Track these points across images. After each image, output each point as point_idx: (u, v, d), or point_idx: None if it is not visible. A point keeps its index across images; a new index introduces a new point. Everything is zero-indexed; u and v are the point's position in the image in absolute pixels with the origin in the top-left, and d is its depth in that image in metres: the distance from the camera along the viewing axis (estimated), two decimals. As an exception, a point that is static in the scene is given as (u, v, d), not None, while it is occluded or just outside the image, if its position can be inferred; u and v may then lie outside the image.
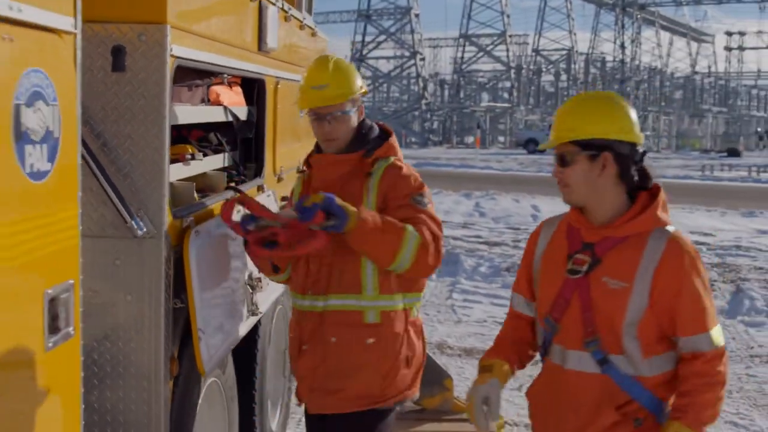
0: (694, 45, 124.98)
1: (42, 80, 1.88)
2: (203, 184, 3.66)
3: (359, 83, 3.26)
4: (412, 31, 66.64)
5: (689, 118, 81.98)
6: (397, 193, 3.11)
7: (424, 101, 67.03)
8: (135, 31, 2.69)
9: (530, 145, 53.08)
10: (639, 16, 66.36)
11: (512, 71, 75.20)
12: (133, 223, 2.67)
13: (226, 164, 4.03)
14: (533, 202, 16.69)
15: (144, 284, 2.75)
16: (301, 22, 4.98)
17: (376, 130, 3.31)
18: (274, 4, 4.04)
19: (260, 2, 3.81)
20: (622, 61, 64.18)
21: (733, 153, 53.50)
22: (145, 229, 2.70)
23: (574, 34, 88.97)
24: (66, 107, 2.01)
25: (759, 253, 12.16)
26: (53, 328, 1.97)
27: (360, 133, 3.23)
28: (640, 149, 2.67)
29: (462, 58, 77.79)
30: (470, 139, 72.47)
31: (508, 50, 76.21)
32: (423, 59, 68.21)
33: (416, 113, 69.12)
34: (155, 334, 2.77)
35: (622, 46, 64.60)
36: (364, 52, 69.58)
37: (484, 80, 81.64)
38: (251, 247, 3.05)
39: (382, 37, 69.98)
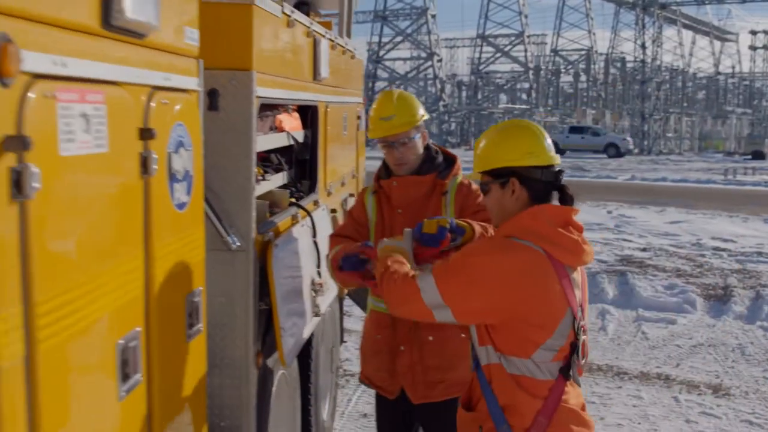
0: (717, 44, 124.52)
1: (183, 131, 2.39)
2: (270, 201, 4.16)
3: (421, 112, 3.73)
4: (429, 32, 66.87)
5: (712, 120, 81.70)
6: (470, 203, 3.62)
7: (441, 103, 67.34)
8: (227, 76, 3.14)
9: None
10: (660, 14, 66.27)
11: (530, 72, 75.33)
12: (228, 239, 3.17)
13: (286, 182, 4.51)
14: (554, 206, 17.15)
15: (236, 289, 3.26)
16: (344, 48, 5.47)
17: (441, 153, 3.81)
18: (324, 36, 4.53)
19: (314, 37, 4.28)
20: (643, 61, 64.06)
21: (758, 155, 53.11)
22: (238, 244, 3.20)
23: (594, 33, 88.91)
24: (195, 150, 2.52)
25: (782, 261, 12.41)
26: (190, 324, 2.49)
27: (429, 156, 3.74)
28: (557, 168, 2.81)
29: (479, 58, 78.08)
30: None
31: (526, 51, 76.32)
32: (440, 60, 68.49)
33: (434, 115, 69.41)
34: (245, 331, 3.27)
35: (643, 46, 64.48)
36: (381, 53, 69.91)
37: (502, 81, 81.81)
38: (353, 279, 3.46)
39: (398, 39, 70.29)
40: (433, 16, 66.92)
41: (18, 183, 1.46)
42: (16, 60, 1.43)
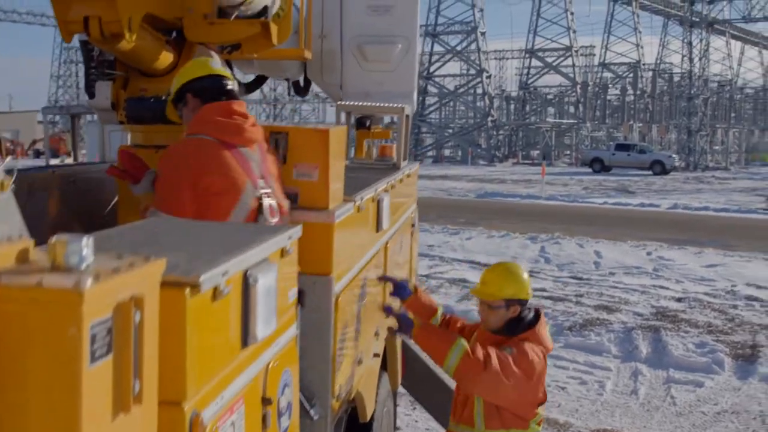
0: (766, 54, 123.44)
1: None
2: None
3: (513, 291, 4.37)
4: (479, 50, 67.68)
5: (760, 132, 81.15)
6: None
7: (490, 118, 68.00)
8: (312, 280, 3.65)
9: (596, 164, 53.90)
10: (708, 30, 66.19)
11: (578, 86, 75.66)
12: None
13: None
14: (596, 248, 17.76)
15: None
16: (402, 177, 6.27)
17: (528, 319, 4.45)
18: (388, 192, 5.29)
19: (378, 199, 4.90)
20: (690, 77, 64.03)
21: (807, 171, 53.51)
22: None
23: (641, 47, 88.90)
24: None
25: (813, 312, 12.92)
26: None
27: (511, 321, 4.39)
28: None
29: (528, 73, 78.60)
30: (536, 152, 73.36)
31: (574, 65, 76.75)
32: (489, 77, 69.19)
33: (483, 129, 70.11)
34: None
35: (690, 61, 64.50)
36: (431, 69, 70.79)
37: (550, 96, 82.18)
38: None
39: (448, 55, 71.16)
40: (483, 34, 67.59)
41: None
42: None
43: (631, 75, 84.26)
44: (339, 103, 6.24)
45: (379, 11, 6.97)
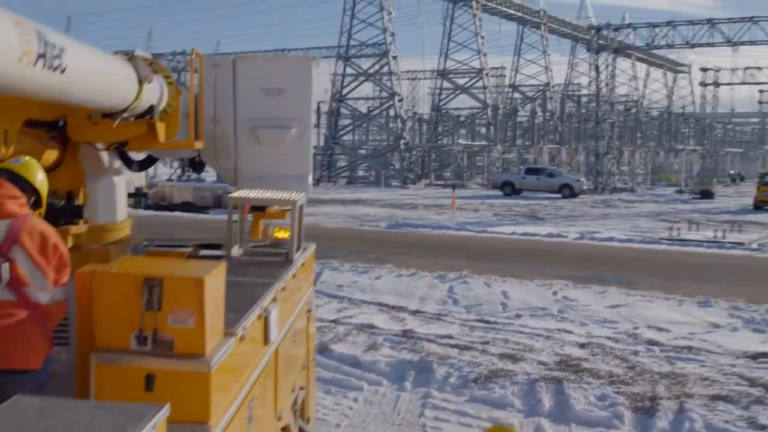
0: (670, 76, 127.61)
1: None
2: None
3: None
4: (390, 73, 68.11)
5: (665, 153, 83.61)
6: None
7: (402, 141, 68.41)
8: (189, 428, 3.57)
9: (506, 187, 54.76)
10: (614, 59, 68.02)
11: (489, 109, 76.88)
12: None
13: None
14: (503, 287, 17.92)
15: None
16: (296, 272, 6.15)
17: None
18: (276, 301, 5.07)
19: (265, 316, 4.78)
20: (597, 103, 65.70)
21: (706, 195, 55.56)
22: None
23: (550, 70, 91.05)
24: None
25: (707, 356, 13.20)
26: None
27: None
28: None
29: (440, 95, 79.55)
30: (448, 174, 74.19)
31: (484, 87, 77.96)
32: (401, 100, 69.68)
33: (396, 151, 70.55)
34: None
35: (597, 86, 66.16)
36: (344, 92, 70.97)
37: (462, 117, 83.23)
38: None
39: (360, 78, 71.47)
40: (395, 57, 68.07)
41: None
42: None
43: (541, 97, 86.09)
44: (230, 196, 6.15)
45: (272, 94, 6.93)
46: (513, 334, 14.27)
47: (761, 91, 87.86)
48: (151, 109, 5.11)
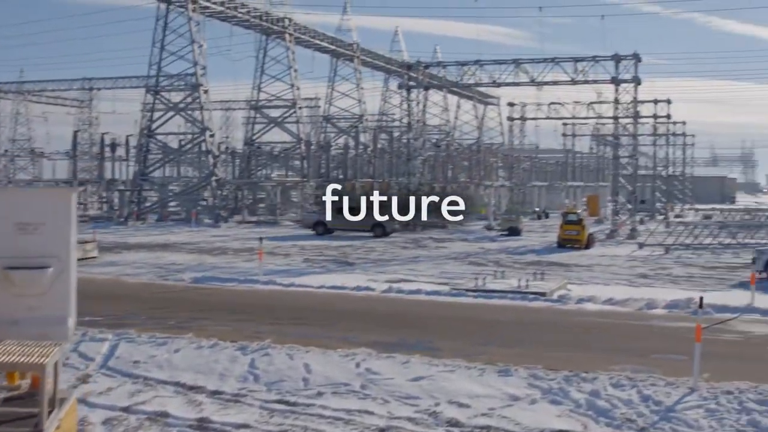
0: (480, 108, 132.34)
1: None
2: None
3: None
4: (201, 107, 66.79)
5: (474, 186, 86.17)
6: None
7: (214, 178, 67.11)
8: None
9: (318, 227, 54.68)
10: (425, 95, 69.55)
11: (302, 143, 76.89)
12: None
13: None
14: (306, 359, 17.48)
15: None
16: None
17: None
18: None
19: None
20: (408, 141, 66.97)
21: (514, 232, 57.76)
22: None
23: (364, 102, 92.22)
24: None
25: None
26: None
27: None
28: None
29: (253, 129, 78.84)
30: (263, 208, 73.50)
31: (298, 121, 77.94)
32: (212, 135, 68.40)
33: (207, 187, 69.18)
34: None
35: (409, 124, 67.45)
36: (153, 126, 68.97)
37: (276, 151, 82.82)
38: None
39: (172, 112, 69.70)
40: (206, 92, 66.86)
41: None
42: None
43: (355, 131, 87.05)
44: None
45: (27, 230, 6.32)
46: (312, 420, 13.88)
47: (564, 124, 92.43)
48: None
